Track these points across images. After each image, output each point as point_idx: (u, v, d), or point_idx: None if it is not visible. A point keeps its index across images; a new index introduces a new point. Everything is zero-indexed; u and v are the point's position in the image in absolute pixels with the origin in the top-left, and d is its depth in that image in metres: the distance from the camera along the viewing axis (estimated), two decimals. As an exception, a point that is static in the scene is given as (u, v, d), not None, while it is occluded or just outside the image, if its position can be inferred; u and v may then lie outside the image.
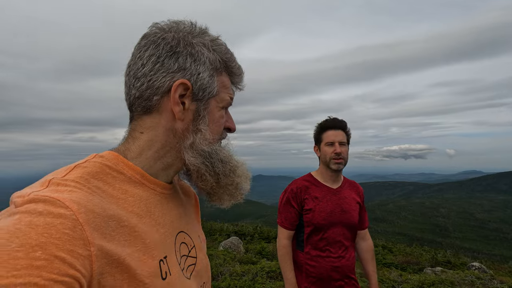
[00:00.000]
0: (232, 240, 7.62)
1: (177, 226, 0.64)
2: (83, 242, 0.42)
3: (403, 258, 8.04)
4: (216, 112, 0.64)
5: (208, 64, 0.61)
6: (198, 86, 0.60)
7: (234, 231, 10.34)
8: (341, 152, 1.73)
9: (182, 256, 0.63)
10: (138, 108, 0.60)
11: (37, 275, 0.37)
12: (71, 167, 0.53)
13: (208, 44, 0.62)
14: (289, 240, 1.79)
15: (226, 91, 0.65)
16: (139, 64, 0.59)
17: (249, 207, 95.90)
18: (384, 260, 7.58)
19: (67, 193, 0.45)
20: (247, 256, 6.09)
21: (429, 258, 8.33)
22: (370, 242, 1.91)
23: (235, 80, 0.68)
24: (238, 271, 4.53)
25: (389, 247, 10.32)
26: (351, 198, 1.81)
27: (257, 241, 8.94)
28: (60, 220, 0.41)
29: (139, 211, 0.55)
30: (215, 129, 0.64)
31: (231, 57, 0.66)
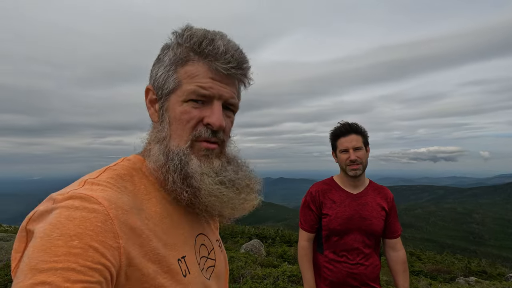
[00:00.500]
0: (254, 243, 7.62)
1: (196, 228, 0.66)
2: (113, 234, 0.48)
3: (432, 266, 7.64)
4: (177, 108, 0.59)
5: (166, 62, 0.61)
6: (156, 87, 0.62)
7: (255, 233, 10.35)
8: (357, 158, 1.69)
9: (202, 257, 0.65)
10: None
11: (74, 261, 0.42)
12: (103, 169, 0.58)
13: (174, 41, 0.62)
14: (308, 242, 1.79)
15: (192, 81, 0.59)
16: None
17: (270, 210, 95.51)
18: (412, 267, 7.24)
19: (99, 192, 0.51)
20: (269, 260, 6.06)
21: (462, 267, 7.84)
22: (402, 253, 1.76)
23: (216, 64, 0.59)
24: (259, 274, 4.52)
25: (417, 254, 9.87)
26: (375, 205, 1.73)
27: (279, 245, 8.88)
28: (94, 214, 0.47)
29: (161, 211, 0.58)
30: (178, 128, 0.59)
31: (203, 40, 0.59)
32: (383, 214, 1.73)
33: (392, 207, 1.78)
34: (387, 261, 1.81)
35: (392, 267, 1.77)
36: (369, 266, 1.68)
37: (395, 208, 1.80)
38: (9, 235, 5.50)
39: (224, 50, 0.58)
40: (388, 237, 1.78)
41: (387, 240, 1.78)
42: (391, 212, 1.77)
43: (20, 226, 0.49)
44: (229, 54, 0.59)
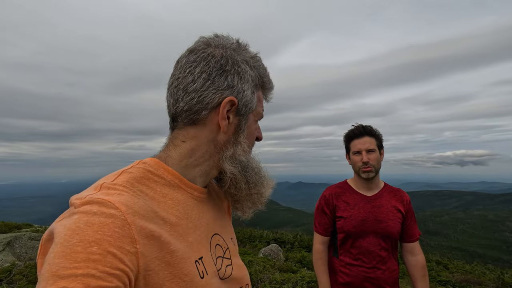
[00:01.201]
0: (272, 248, 7.57)
1: (212, 228, 0.68)
2: (130, 239, 0.48)
3: (461, 277, 7.24)
4: (253, 125, 0.71)
5: (250, 82, 0.68)
6: (243, 103, 0.67)
7: (274, 238, 10.28)
8: (369, 160, 1.68)
9: (218, 258, 0.67)
10: (185, 119, 0.65)
11: (94, 267, 0.43)
12: (119, 172, 0.59)
13: (250, 61, 0.69)
14: (323, 245, 1.79)
15: (261, 105, 0.73)
16: (190, 79, 0.63)
17: (289, 214, 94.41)
18: (438, 277, 6.90)
19: (116, 196, 0.52)
20: (287, 265, 6.00)
21: (494, 278, 7.37)
22: (421, 258, 1.72)
23: (266, 94, 0.75)
24: (278, 279, 4.48)
25: (444, 263, 9.39)
26: (390, 207, 1.70)
27: (297, 250, 8.77)
28: (112, 219, 0.48)
29: (178, 213, 0.60)
30: (251, 140, 0.72)
31: (266, 73, 0.72)
32: (399, 217, 1.70)
33: (409, 210, 1.74)
34: (405, 266, 1.75)
35: (411, 272, 1.72)
36: (386, 270, 1.65)
37: (412, 211, 1.76)
38: (40, 235, 5.82)
39: (272, 85, 0.75)
40: (406, 241, 1.73)
41: (405, 244, 1.74)
42: (407, 215, 1.73)
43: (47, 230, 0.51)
44: (273, 89, 0.76)
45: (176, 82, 0.65)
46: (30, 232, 5.89)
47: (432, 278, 6.79)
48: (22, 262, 4.77)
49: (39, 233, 6.03)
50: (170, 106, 0.67)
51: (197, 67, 0.63)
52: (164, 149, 0.67)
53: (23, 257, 5.13)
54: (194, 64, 0.63)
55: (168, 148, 0.66)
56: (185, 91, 0.63)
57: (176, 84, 0.65)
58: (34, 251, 5.34)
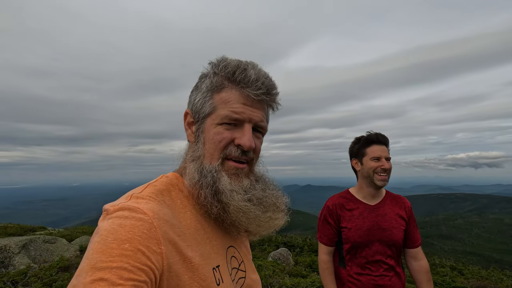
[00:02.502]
0: (281, 252, 7.52)
1: (227, 240, 0.73)
2: (156, 241, 0.55)
3: (477, 283, 7.03)
4: (211, 129, 0.68)
5: (204, 89, 0.70)
6: (194, 110, 0.72)
7: (283, 242, 10.21)
8: (389, 168, 1.70)
9: (233, 269, 0.71)
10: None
11: (126, 261, 0.51)
12: (145, 185, 0.67)
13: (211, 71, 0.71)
14: (328, 256, 1.80)
15: (226, 106, 0.67)
16: None
17: (298, 217, 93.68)
18: (453, 283, 6.71)
19: (144, 204, 0.60)
20: (297, 269, 5.94)
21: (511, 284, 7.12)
22: (424, 263, 1.73)
23: (248, 91, 0.67)
24: (287, 284, 4.44)
25: (459, 268, 9.14)
26: (393, 215, 1.72)
27: (307, 254, 8.68)
28: (141, 222, 0.55)
29: (196, 224, 0.66)
30: (210, 147, 0.68)
31: (238, 70, 0.67)
32: (402, 224, 1.71)
33: (410, 216, 1.76)
34: (410, 271, 1.77)
35: (415, 277, 1.73)
36: (393, 277, 1.66)
37: (413, 217, 1.78)
38: (53, 237, 5.92)
39: (255, 78, 0.66)
40: (409, 247, 1.75)
41: (408, 250, 1.75)
42: (410, 221, 1.75)
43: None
44: (260, 81, 0.67)
45: None
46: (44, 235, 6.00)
47: (446, 284, 6.60)
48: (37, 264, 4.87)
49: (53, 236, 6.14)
50: None
51: None
52: (182, 164, 0.75)
53: (38, 259, 5.24)
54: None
55: (185, 162, 0.74)
56: None
57: None
58: (48, 253, 5.44)
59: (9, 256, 5.15)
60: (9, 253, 5.17)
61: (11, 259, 5.15)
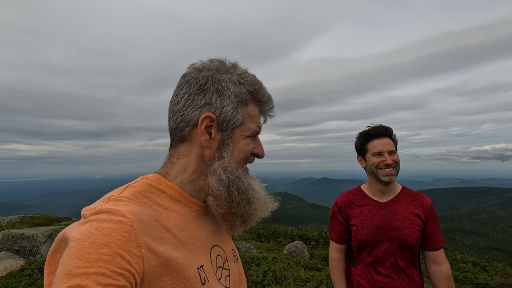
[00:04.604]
0: (297, 244, 7.52)
1: (211, 240, 0.74)
2: (137, 244, 0.54)
3: (502, 280, 6.76)
4: (241, 141, 0.72)
5: (232, 98, 0.70)
6: (223, 118, 0.69)
7: (298, 235, 10.20)
8: (392, 163, 1.56)
9: (218, 268, 0.72)
10: (175, 137, 0.72)
11: (104, 266, 0.49)
12: (124, 187, 0.66)
13: (235, 79, 0.71)
14: (338, 253, 1.73)
15: (253, 121, 0.73)
16: (176, 101, 0.72)
17: (314, 211, 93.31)
18: (475, 279, 6.49)
19: (123, 206, 0.58)
20: (312, 262, 5.93)
21: (539, 282, 6.80)
22: (445, 268, 1.57)
23: (264, 108, 0.76)
24: (302, 277, 4.44)
25: (482, 264, 8.81)
26: (407, 213, 1.58)
27: (322, 247, 8.64)
28: (120, 225, 0.54)
29: (179, 223, 0.66)
30: (239, 156, 0.72)
31: (259, 88, 0.73)
32: (418, 224, 1.56)
33: (430, 215, 1.59)
34: (429, 276, 1.62)
35: (434, 282, 1.58)
36: (405, 280, 1.54)
37: (435, 217, 1.61)
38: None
39: (269, 97, 0.75)
40: (428, 249, 1.59)
41: (427, 252, 1.60)
42: (429, 221, 1.58)
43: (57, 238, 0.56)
44: (271, 102, 0.76)
45: (169, 105, 0.74)
46: (68, 225, 6.30)
47: (468, 281, 6.39)
48: (61, 253, 5.13)
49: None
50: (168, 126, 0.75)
51: (182, 89, 0.71)
52: (164, 166, 0.74)
53: (63, 248, 5.51)
54: (180, 87, 0.72)
55: (167, 165, 0.73)
56: (172, 112, 0.72)
57: (169, 106, 0.74)
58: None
59: (36, 245, 5.45)
60: (37, 242, 5.47)
61: (38, 248, 5.44)
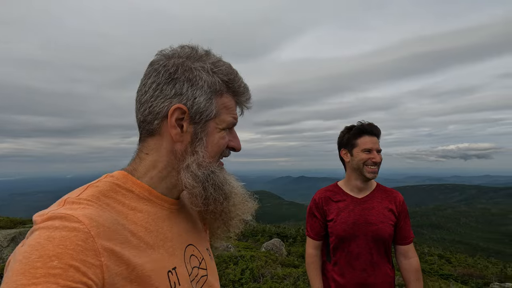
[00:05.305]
0: (274, 242, 7.61)
1: (185, 239, 0.69)
2: (94, 252, 0.48)
3: (464, 270, 7.25)
4: (216, 134, 0.67)
5: (205, 88, 0.64)
6: (195, 110, 0.63)
7: (276, 232, 10.32)
8: (380, 161, 1.62)
9: (194, 268, 0.68)
10: (143, 131, 0.66)
11: (54, 282, 0.43)
12: (85, 187, 0.59)
13: (208, 67, 0.65)
14: (315, 250, 1.76)
15: (228, 112, 0.67)
16: (143, 91, 0.65)
17: (292, 208, 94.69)
18: (441, 271, 6.91)
19: (80, 210, 0.52)
20: (289, 259, 6.03)
21: (497, 271, 7.38)
22: (414, 261, 1.65)
23: (240, 99, 0.70)
24: (279, 274, 4.50)
25: (447, 256, 9.39)
26: (382, 208, 1.63)
27: (300, 244, 8.81)
28: (74, 233, 0.47)
29: (148, 225, 0.61)
30: (214, 150, 0.67)
31: (234, 77, 0.67)
32: (391, 219, 1.62)
33: (402, 210, 1.66)
34: (399, 269, 1.69)
35: (404, 275, 1.66)
36: (379, 274, 1.59)
37: (406, 212, 1.68)
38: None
39: (245, 88, 0.70)
40: (399, 244, 1.67)
41: (398, 246, 1.68)
42: (401, 216, 1.66)
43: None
44: (248, 92, 0.71)
45: (136, 95, 0.67)
46: (35, 228, 5.94)
47: (434, 272, 6.78)
48: (26, 257, 4.83)
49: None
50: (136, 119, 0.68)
51: (149, 78, 0.64)
52: (132, 162, 0.68)
53: (28, 252, 5.19)
54: (148, 76, 0.65)
55: (135, 161, 0.67)
56: (140, 103, 0.65)
57: (136, 97, 0.67)
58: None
59: (-2, 249, 5.09)
60: (-2, 246, 5.10)
61: (1, 252, 5.09)
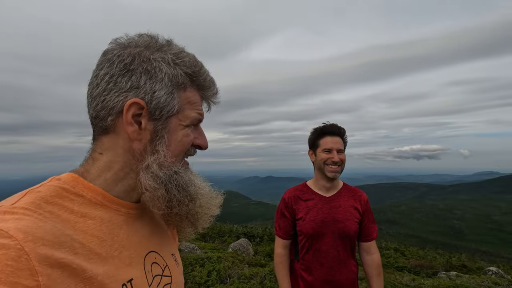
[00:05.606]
0: (241, 242, 7.60)
1: (146, 246, 0.62)
2: (30, 272, 0.41)
3: (416, 262, 7.85)
4: (179, 131, 0.61)
5: (166, 81, 0.58)
6: (154, 105, 0.57)
7: (243, 232, 10.33)
8: (339, 160, 1.67)
9: (156, 276, 0.61)
10: (96, 128, 0.59)
11: None
12: (24, 193, 0.51)
13: (169, 58, 0.59)
14: (284, 249, 1.77)
15: (193, 108, 0.62)
16: (95, 84, 0.58)
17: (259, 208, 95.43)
18: (396, 263, 7.41)
19: (12, 222, 0.43)
20: (256, 259, 6.07)
21: (443, 262, 8.10)
22: (376, 257, 1.72)
23: (206, 94, 0.65)
24: (246, 274, 4.51)
25: (401, 250, 10.10)
26: (348, 207, 1.70)
27: (267, 243, 8.91)
28: (3, 251, 0.40)
29: (100, 234, 0.53)
30: (177, 149, 0.61)
31: (199, 70, 0.62)
32: (357, 216, 1.69)
33: (366, 209, 1.74)
34: (362, 264, 1.77)
35: (366, 270, 1.74)
36: (345, 270, 1.65)
37: (370, 211, 1.77)
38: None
39: (212, 81, 0.65)
40: (363, 240, 1.74)
41: (362, 243, 1.75)
42: (365, 214, 1.73)
43: None
44: (214, 86, 0.66)
45: (87, 88, 0.59)
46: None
47: (390, 265, 7.27)
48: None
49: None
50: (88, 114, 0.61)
51: (102, 69, 0.58)
52: (84, 163, 0.60)
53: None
54: (100, 67, 0.58)
55: (87, 162, 0.60)
56: (91, 97, 0.58)
57: (87, 90, 0.59)
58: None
59: None
60: None
61: None
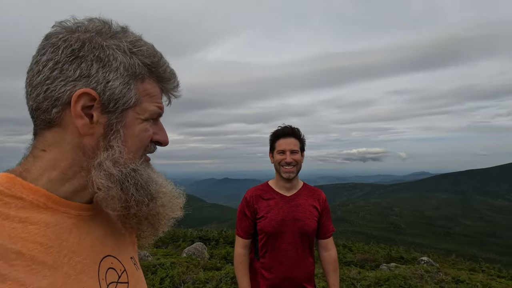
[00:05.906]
0: (196, 246, 7.41)
1: (100, 250, 0.56)
2: None
3: (361, 256, 8.46)
4: (136, 125, 0.55)
5: (122, 70, 0.52)
6: (108, 96, 0.51)
7: (198, 236, 10.07)
8: (292, 161, 1.72)
9: (111, 283, 0.56)
10: (38, 121, 0.51)
11: None
12: None
13: (125, 46, 0.53)
14: (244, 249, 1.79)
15: (152, 100, 0.56)
16: (35, 71, 0.50)
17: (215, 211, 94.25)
18: (344, 258, 7.90)
19: None
20: (212, 262, 5.96)
21: (384, 255, 8.87)
22: (333, 253, 1.80)
23: (166, 86, 0.59)
24: (201, 278, 4.40)
25: (349, 246, 10.78)
26: (307, 206, 1.76)
27: (222, 246, 8.81)
28: None
29: (45, 240, 0.46)
30: (134, 145, 0.55)
31: (159, 61, 0.56)
32: (315, 215, 1.76)
33: (324, 208, 1.82)
34: (320, 261, 1.84)
35: (324, 266, 1.82)
36: (302, 267, 1.70)
37: (328, 209, 1.84)
38: None
39: (172, 74, 0.60)
40: (321, 238, 1.82)
41: (320, 240, 1.83)
42: (323, 212, 1.81)
43: None
44: (175, 79, 0.61)
45: (26, 76, 0.52)
46: None
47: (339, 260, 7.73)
48: None
49: None
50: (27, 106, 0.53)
51: (44, 55, 0.50)
52: (22, 162, 0.52)
53: None
54: (42, 52, 0.50)
55: (27, 160, 0.52)
56: (31, 86, 0.50)
57: (26, 78, 0.52)
58: None
59: None
60: None
61: None
